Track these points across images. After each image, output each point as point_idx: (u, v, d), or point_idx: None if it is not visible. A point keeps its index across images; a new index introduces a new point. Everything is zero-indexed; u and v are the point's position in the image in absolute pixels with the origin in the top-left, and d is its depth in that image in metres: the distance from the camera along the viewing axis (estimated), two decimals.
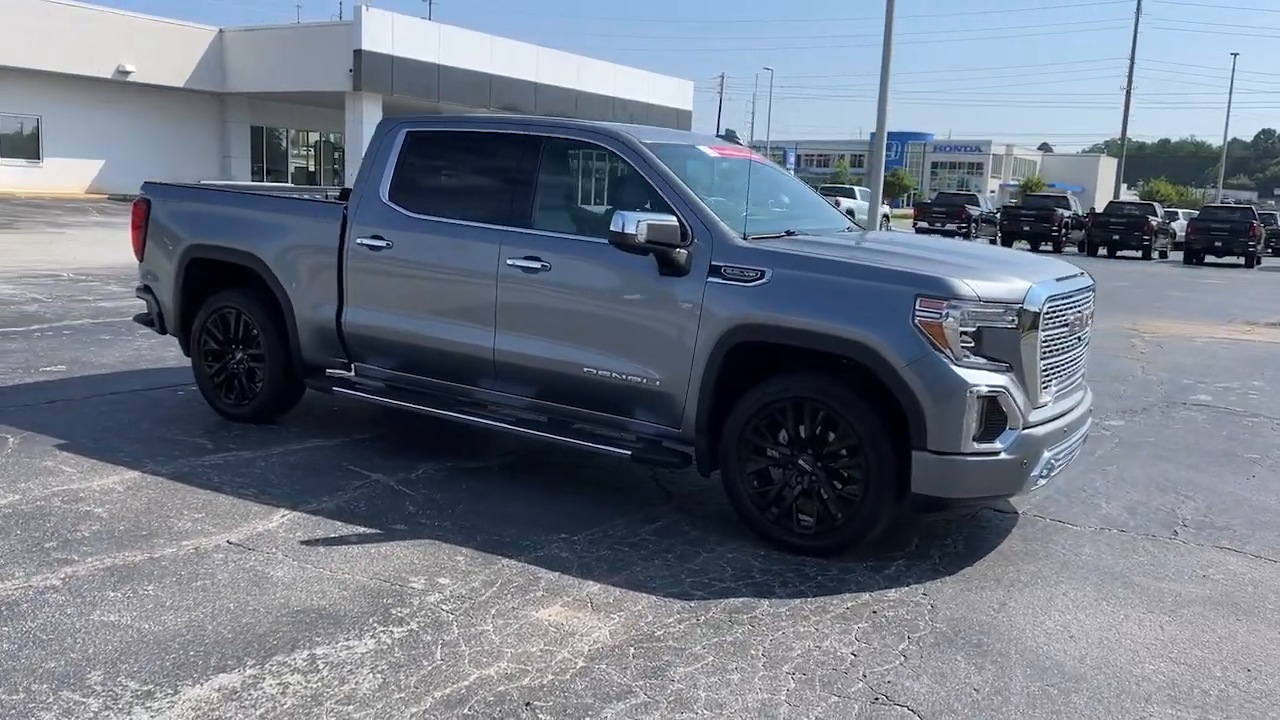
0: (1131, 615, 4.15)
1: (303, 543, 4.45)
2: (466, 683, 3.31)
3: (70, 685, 3.18)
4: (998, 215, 39.57)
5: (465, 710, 3.14)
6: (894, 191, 67.37)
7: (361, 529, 4.67)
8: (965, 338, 4.32)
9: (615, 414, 5.11)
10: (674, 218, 4.80)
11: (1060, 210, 36.19)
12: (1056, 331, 4.66)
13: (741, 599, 4.10)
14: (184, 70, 34.68)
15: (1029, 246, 34.46)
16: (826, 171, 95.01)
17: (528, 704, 3.20)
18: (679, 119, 47.66)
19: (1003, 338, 4.39)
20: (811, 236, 5.25)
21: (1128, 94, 56.30)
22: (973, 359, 4.34)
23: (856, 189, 47.99)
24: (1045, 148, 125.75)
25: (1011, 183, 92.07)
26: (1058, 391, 4.78)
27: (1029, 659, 3.70)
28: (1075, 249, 35.32)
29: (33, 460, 5.37)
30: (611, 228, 4.71)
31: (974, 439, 4.31)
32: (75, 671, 3.26)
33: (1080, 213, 38.87)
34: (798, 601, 4.10)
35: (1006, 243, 37.71)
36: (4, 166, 31.36)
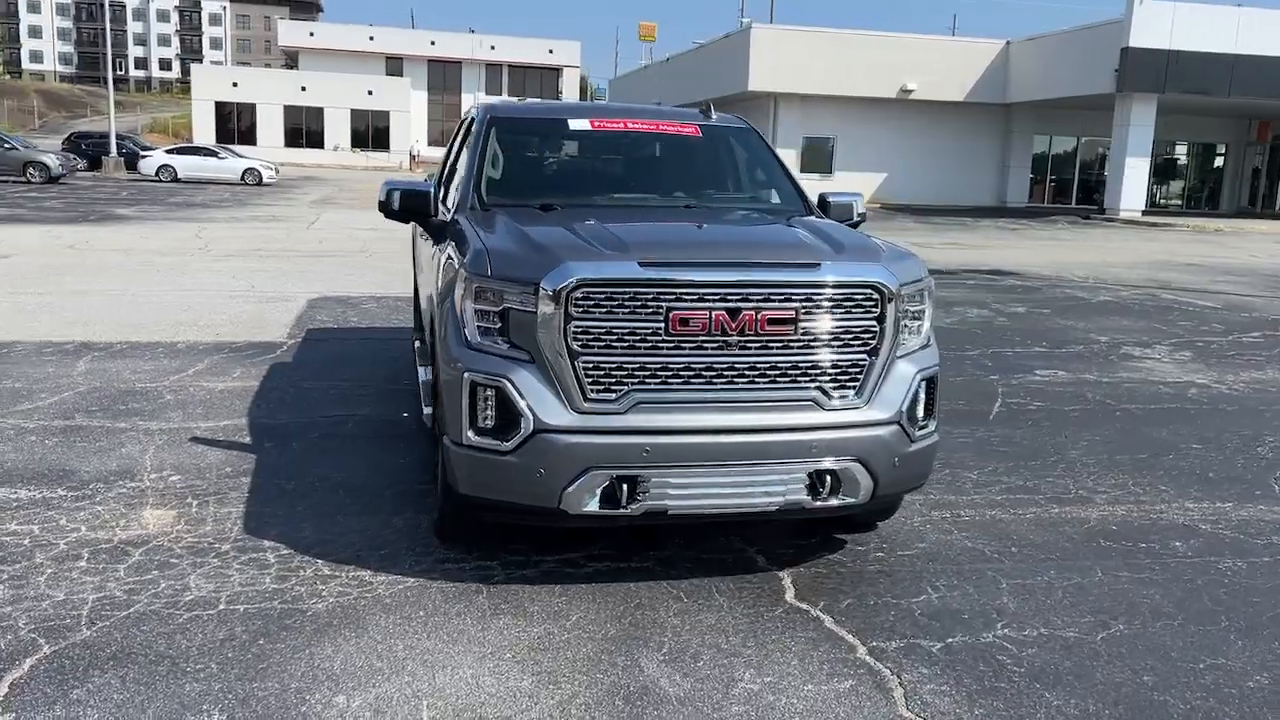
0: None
1: (160, 433, 5.59)
2: None
3: None
4: None
5: None
6: None
7: (212, 438, 5.56)
8: (492, 319, 3.65)
9: None
10: (429, 187, 4.81)
11: None
12: (627, 324, 3.49)
13: (272, 558, 4.03)
14: (965, 84, 36.07)
15: None
16: None
17: None
18: None
19: (523, 323, 3.56)
20: (557, 211, 4.50)
21: None
22: (494, 343, 3.63)
23: None
24: None
25: None
26: (678, 401, 3.55)
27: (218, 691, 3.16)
28: None
29: (240, 369, 7.24)
30: (378, 195, 4.90)
31: (474, 430, 3.61)
32: None
33: None
34: (292, 579, 3.86)
35: None
36: (803, 180, 36.54)
